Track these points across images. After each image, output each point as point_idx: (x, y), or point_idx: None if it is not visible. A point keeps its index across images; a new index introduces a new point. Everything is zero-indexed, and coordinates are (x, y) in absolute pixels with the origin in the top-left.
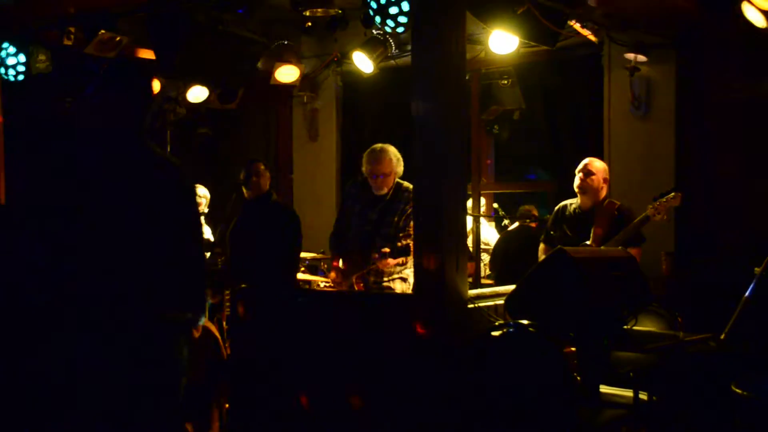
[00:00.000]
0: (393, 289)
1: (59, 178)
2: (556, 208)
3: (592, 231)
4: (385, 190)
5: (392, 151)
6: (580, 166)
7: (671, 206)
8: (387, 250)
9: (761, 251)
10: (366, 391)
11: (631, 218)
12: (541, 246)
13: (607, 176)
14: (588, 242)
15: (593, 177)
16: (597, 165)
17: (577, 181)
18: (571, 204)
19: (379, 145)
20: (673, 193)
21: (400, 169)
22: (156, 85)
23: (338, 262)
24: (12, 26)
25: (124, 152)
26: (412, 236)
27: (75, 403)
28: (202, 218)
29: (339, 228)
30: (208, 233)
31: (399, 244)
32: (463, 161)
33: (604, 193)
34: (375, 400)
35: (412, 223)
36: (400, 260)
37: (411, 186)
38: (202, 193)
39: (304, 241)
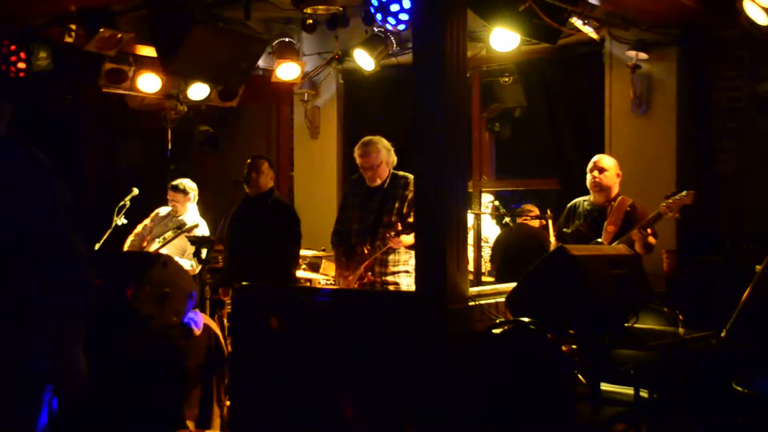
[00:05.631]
0: (398, 285)
1: None
2: (569, 205)
3: (603, 228)
4: (378, 182)
5: (380, 142)
6: (591, 164)
7: (684, 204)
8: (399, 227)
9: (762, 249)
10: (366, 389)
11: (642, 215)
12: (553, 243)
13: (619, 172)
14: (600, 239)
15: (606, 174)
16: (607, 162)
17: (589, 179)
18: (584, 201)
19: (367, 138)
20: (686, 191)
21: (392, 159)
22: None
23: (343, 257)
24: (13, 23)
25: None
26: None
27: None
28: (195, 211)
29: (341, 224)
30: (205, 230)
31: (409, 220)
32: (463, 159)
33: (616, 189)
34: (375, 399)
35: None
36: (412, 238)
37: (408, 175)
38: (190, 185)
39: (305, 239)
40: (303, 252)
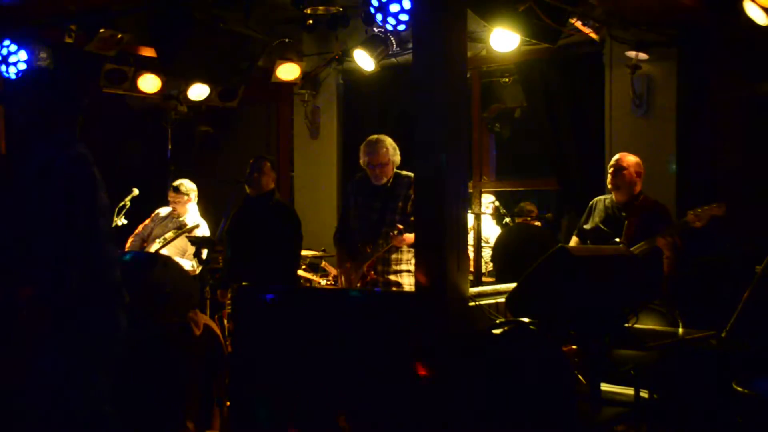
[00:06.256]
0: (401, 284)
1: None
2: (591, 202)
3: (624, 227)
4: (384, 180)
5: (388, 141)
6: (612, 161)
7: (714, 215)
8: (401, 226)
9: (762, 250)
10: (366, 390)
11: (665, 214)
12: (574, 239)
13: (641, 170)
14: (618, 239)
15: (625, 172)
16: (629, 159)
17: (608, 178)
18: (604, 198)
19: (374, 136)
20: (716, 203)
21: (396, 158)
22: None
23: (346, 256)
24: (13, 24)
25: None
26: None
27: None
28: (196, 212)
29: (344, 224)
30: (206, 230)
31: (412, 219)
32: (463, 159)
33: (638, 188)
34: (375, 400)
35: None
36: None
37: (411, 174)
38: (190, 186)
39: (305, 239)
40: (303, 252)
